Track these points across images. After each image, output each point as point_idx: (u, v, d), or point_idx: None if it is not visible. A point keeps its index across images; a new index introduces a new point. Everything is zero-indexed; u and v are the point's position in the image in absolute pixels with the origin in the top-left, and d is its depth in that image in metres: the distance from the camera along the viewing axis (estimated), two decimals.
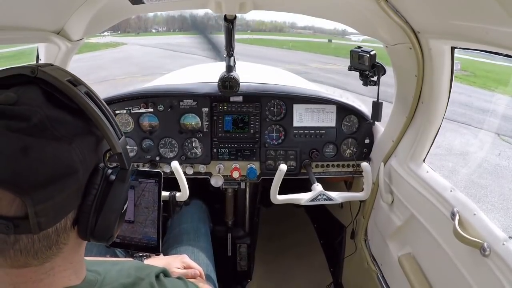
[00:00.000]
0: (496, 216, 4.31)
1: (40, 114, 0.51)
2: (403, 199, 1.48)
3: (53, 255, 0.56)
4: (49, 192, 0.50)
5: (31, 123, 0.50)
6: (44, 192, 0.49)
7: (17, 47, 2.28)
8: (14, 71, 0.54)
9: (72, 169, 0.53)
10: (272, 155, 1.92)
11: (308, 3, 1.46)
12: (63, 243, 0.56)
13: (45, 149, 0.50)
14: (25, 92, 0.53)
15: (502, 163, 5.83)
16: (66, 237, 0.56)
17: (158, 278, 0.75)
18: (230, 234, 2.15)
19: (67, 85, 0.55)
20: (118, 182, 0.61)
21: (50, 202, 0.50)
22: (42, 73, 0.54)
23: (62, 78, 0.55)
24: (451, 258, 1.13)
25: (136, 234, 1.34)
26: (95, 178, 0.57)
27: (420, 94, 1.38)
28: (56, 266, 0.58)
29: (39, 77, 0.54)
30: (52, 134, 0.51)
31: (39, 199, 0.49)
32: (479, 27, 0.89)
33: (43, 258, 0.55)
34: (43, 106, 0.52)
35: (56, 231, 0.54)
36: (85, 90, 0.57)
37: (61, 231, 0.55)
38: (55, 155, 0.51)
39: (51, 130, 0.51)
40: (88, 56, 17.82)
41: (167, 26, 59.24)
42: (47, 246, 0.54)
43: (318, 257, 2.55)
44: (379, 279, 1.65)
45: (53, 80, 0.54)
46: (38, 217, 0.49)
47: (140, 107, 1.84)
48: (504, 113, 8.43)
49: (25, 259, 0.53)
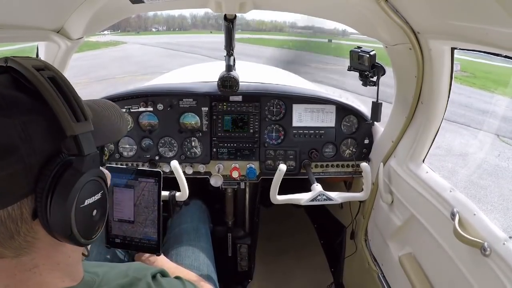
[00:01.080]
0: (496, 216, 4.31)
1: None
2: (403, 199, 1.48)
3: (24, 247, 0.55)
4: None
5: None
6: None
7: (17, 46, 2.28)
8: None
9: (10, 145, 0.50)
10: (272, 155, 1.92)
11: (308, 3, 1.46)
12: (30, 236, 0.55)
13: None
14: None
15: (502, 164, 5.83)
16: (30, 230, 0.55)
17: (155, 278, 0.75)
18: (230, 234, 2.15)
19: (29, 69, 0.54)
20: (70, 169, 0.55)
21: None
22: (12, 61, 0.55)
23: (28, 64, 0.55)
24: (451, 258, 1.13)
25: (137, 234, 1.34)
26: (50, 165, 0.54)
27: (419, 95, 1.38)
28: (40, 264, 0.57)
29: (9, 65, 0.55)
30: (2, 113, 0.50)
31: None
32: (479, 27, 0.89)
33: (12, 249, 0.54)
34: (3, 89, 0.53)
35: (10, 217, 0.52)
36: (50, 75, 0.56)
37: (17, 219, 0.53)
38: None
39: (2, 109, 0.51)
40: (88, 55, 17.83)
41: (167, 25, 59.25)
42: (8, 235, 0.53)
43: (318, 257, 2.55)
44: (380, 279, 1.65)
45: (18, 66, 0.54)
46: None
47: (139, 106, 1.84)
48: (503, 114, 8.45)
49: None
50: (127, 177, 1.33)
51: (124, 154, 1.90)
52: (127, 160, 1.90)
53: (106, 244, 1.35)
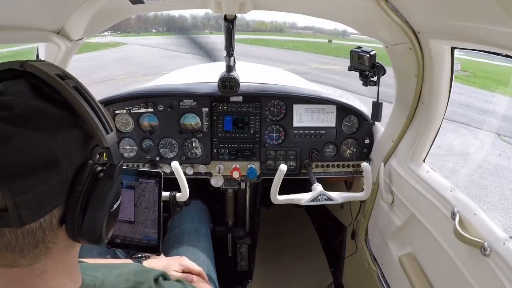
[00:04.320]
0: (497, 216, 4.30)
1: (24, 105, 0.50)
2: (403, 199, 1.48)
3: (42, 254, 0.54)
4: (29, 183, 0.49)
5: (13, 113, 0.49)
6: (24, 183, 0.48)
7: (17, 47, 2.28)
8: (4, 66, 0.54)
9: (53, 160, 0.51)
10: (272, 155, 1.92)
11: (308, 3, 1.46)
12: (51, 242, 0.55)
13: (26, 139, 0.49)
14: (12, 85, 0.53)
15: (503, 164, 5.83)
16: (54, 236, 0.55)
17: (157, 282, 0.74)
18: (231, 234, 2.15)
19: (54, 78, 0.54)
20: (105, 179, 0.58)
21: (30, 194, 0.49)
22: (30, 66, 0.54)
23: (50, 71, 0.55)
24: (451, 258, 1.13)
25: (137, 234, 1.34)
26: (82, 174, 0.55)
27: (420, 94, 1.38)
28: (48, 269, 0.57)
29: (28, 71, 0.54)
30: (36, 125, 0.50)
31: (19, 190, 0.48)
32: (479, 27, 0.89)
33: (31, 258, 0.53)
34: (28, 98, 0.52)
35: (41, 227, 0.52)
36: (73, 85, 0.56)
37: (46, 228, 0.53)
38: (36, 145, 0.50)
39: (34, 121, 0.50)
40: (88, 56, 17.82)
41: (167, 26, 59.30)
42: (33, 244, 0.52)
43: (318, 257, 2.55)
44: (380, 279, 1.65)
45: (41, 73, 0.54)
46: (18, 209, 0.48)
47: (140, 107, 1.84)
48: (504, 114, 8.44)
49: (12, 257, 0.52)
50: (127, 178, 1.33)
51: (125, 155, 1.90)
52: (128, 161, 1.90)
53: (106, 244, 1.36)
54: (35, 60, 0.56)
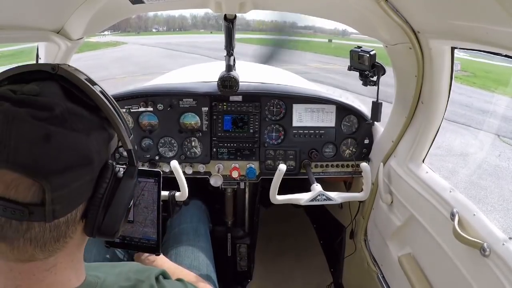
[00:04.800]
0: (496, 217, 4.31)
1: (62, 107, 0.54)
2: (403, 199, 1.48)
3: (58, 249, 0.57)
4: (66, 179, 0.52)
5: (53, 114, 0.52)
6: (62, 179, 0.52)
7: (17, 46, 2.29)
8: (35, 67, 0.58)
9: (89, 159, 0.56)
10: (272, 155, 1.92)
11: (308, 3, 1.46)
12: (70, 237, 0.58)
13: (66, 138, 0.53)
14: (46, 86, 0.56)
15: (502, 164, 5.83)
16: (74, 230, 0.58)
17: (158, 280, 0.75)
18: (230, 234, 2.15)
19: (85, 83, 0.58)
20: (126, 178, 0.64)
21: (66, 189, 0.52)
22: (62, 70, 0.58)
23: (80, 76, 0.59)
24: (451, 259, 1.13)
25: (136, 234, 1.33)
26: (106, 173, 0.60)
27: (420, 94, 1.38)
28: (58, 263, 0.58)
29: (59, 74, 0.57)
30: (72, 126, 0.54)
31: (57, 185, 0.51)
32: (479, 27, 0.89)
33: (49, 251, 0.56)
34: (63, 100, 0.55)
35: (67, 222, 0.56)
36: (100, 90, 0.61)
37: (71, 222, 0.56)
38: (75, 144, 0.54)
39: (69, 122, 0.54)
40: (88, 55, 17.82)
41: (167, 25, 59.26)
42: (56, 238, 0.55)
43: (318, 257, 2.55)
44: (379, 279, 1.65)
45: (72, 78, 0.58)
46: (54, 204, 0.51)
47: (139, 106, 1.83)
48: (504, 114, 8.44)
49: (32, 251, 0.54)
50: None
51: (124, 154, 1.89)
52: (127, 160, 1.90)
53: (106, 244, 1.35)
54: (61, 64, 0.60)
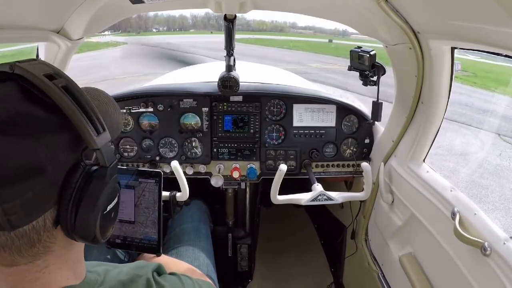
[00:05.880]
0: (497, 216, 4.31)
1: (9, 111, 0.50)
2: (403, 199, 1.48)
3: (41, 253, 0.55)
4: (15, 190, 0.49)
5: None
6: (9, 190, 0.48)
7: (17, 46, 2.29)
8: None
9: (38, 167, 0.51)
10: (272, 155, 1.92)
11: (308, 3, 1.46)
12: (49, 242, 0.56)
13: (10, 146, 0.48)
14: (2, 89, 0.52)
15: (503, 163, 5.83)
16: (50, 236, 0.56)
17: (154, 274, 0.77)
18: (231, 235, 2.15)
19: (41, 79, 0.53)
20: (96, 180, 0.58)
21: (17, 200, 0.49)
22: (19, 68, 0.53)
23: (38, 72, 0.53)
24: (452, 258, 1.13)
25: (137, 234, 1.34)
26: (72, 176, 0.55)
27: (420, 94, 1.38)
28: (50, 265, 0.58)
29: (17, 73, 0.53)
30: (22, 131, 0.49)
31: (5, 197, 0.48)
32: (479, 27, 0.89)
33: (29, 256, 0.54)
34: (15, 102, 0.51)
35: (34, 229, 0.53)
36: (63, 84, 0.54)
37: (40, 229, 0.54)
38: (19, 153, 0.49)
39: (21, 126, 0.49)
40: (88, 55, 17.83)
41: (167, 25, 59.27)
42: (29, 244, 0.53)
43: (318, 257, 2.55)
44: (380, 279, 1.65)
45: (28, 75, 0.52)
46: (7, 215, 0.48)
47: (140, 107, 1.83)
48: (504, 114, 8.44)
49: (10, 257, 0.53)
50: (127, 178, 1.33)
51: (125, 155, 1.90)
52: (128, 161, 1.90)
53: (107, 245, 1.35)
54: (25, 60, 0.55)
